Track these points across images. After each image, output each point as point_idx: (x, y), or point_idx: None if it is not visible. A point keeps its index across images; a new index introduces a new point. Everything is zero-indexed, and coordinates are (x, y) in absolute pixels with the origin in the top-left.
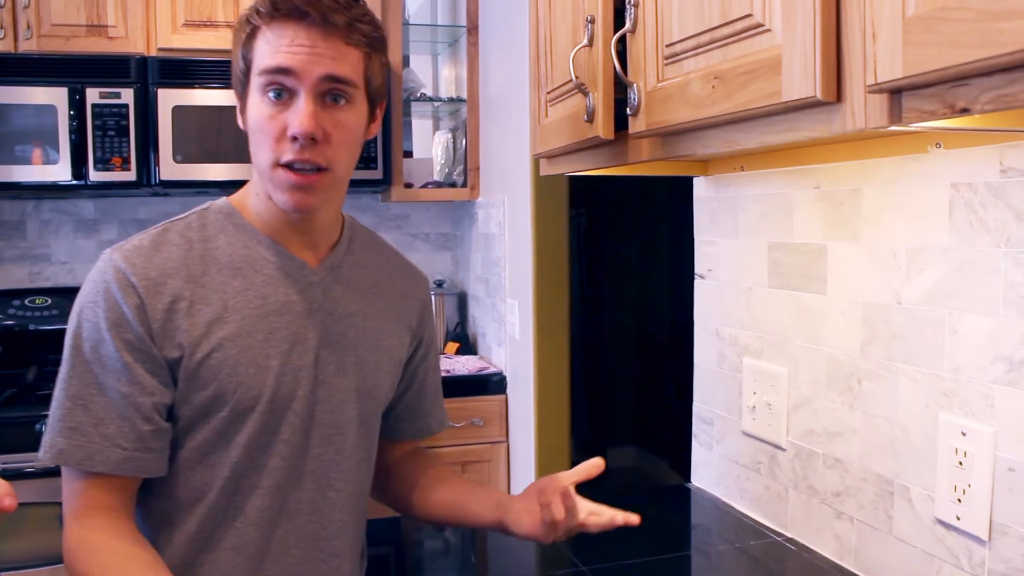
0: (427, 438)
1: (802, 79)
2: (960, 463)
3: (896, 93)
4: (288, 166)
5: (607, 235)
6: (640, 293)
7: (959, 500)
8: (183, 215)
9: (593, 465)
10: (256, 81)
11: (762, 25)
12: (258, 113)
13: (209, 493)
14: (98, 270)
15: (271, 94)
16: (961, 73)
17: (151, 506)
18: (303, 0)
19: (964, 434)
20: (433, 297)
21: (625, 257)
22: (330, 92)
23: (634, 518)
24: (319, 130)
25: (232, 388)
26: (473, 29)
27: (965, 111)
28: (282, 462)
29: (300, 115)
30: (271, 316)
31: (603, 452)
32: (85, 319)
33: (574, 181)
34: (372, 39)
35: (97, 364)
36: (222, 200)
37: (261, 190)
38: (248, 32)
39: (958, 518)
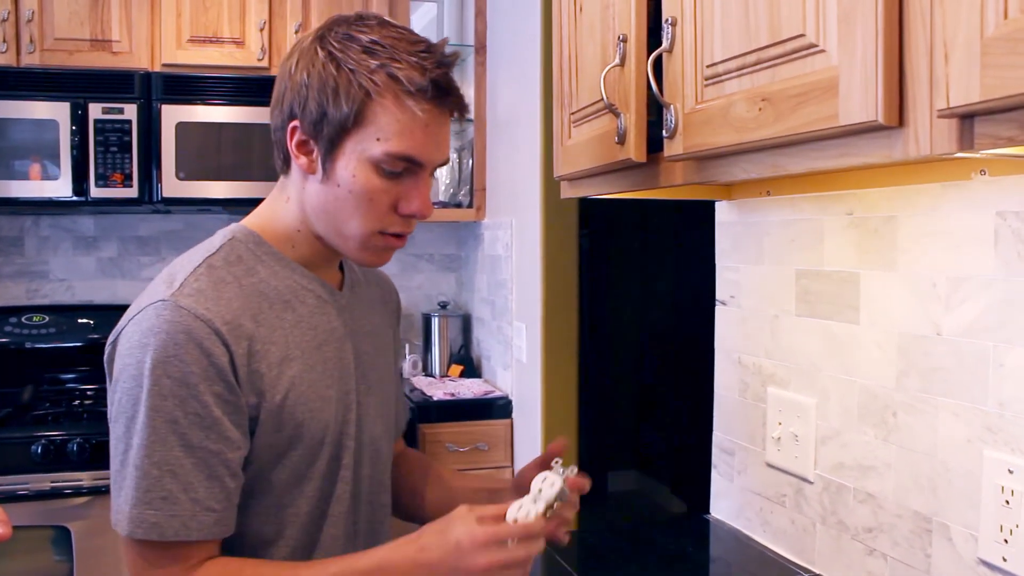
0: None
1: (862, 102)
2: (1007, 502)
3: (967, 118)
4: (389, 233)
5: (616, 257)
6: (649, 317)
7: (1006, 541)
8: (210, 249)
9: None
10: (370, 152)
11: (816, 45)
12: (368, 184)
13: (288, 530)
14: (167, 320)
15: (390, 171)
16: None
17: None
18: (446, 78)
19: (1011, 472)
20: (437, 319)
21: (634, 280)
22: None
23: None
24: None
25: (307, 426)
26: (481, 49)
27: None
28: (346, 487)
29: (424, 200)
30: (323, 347)
31: (604, 476)
32: (167, 375)
33: (583, 203)
34: None
35: (184, 423)
36: (241, 228)
37: (306, 229)
38: (368, 92)
39: (1004, 559)
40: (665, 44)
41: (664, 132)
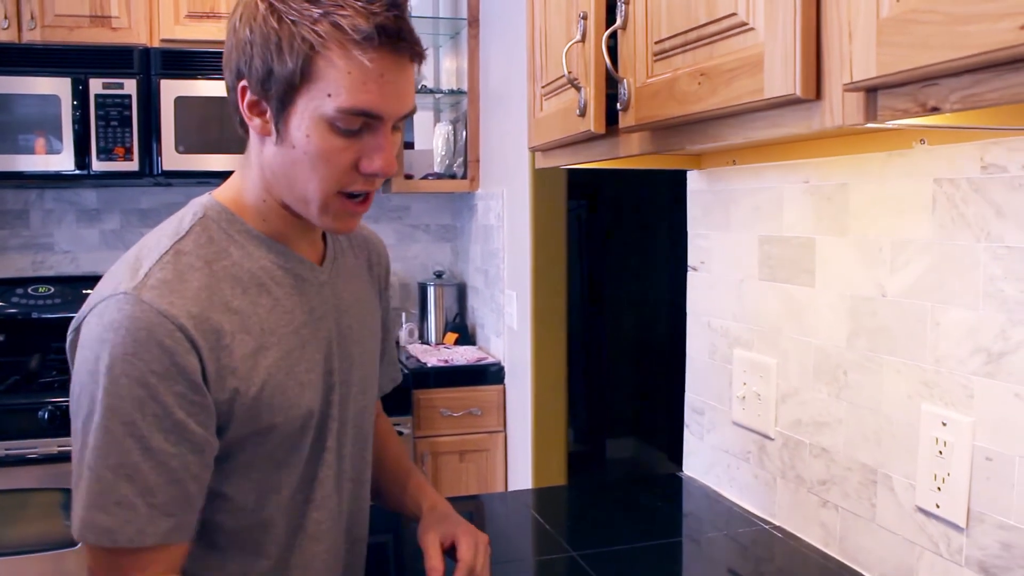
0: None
1: (783, 77)
2: (940, 452)
3: (872, 92)
4: (350, 194)
5: (605, 227)
6: (638, 285)
7: (939, 488)
8: (179, 230)
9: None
10: (323, 110)
11: (746, 24)
12: (324, 144)
13: (275, 517)
14: (127, 316)
15: (346, 129)
16: (931, 73)
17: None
18: (396, 22)
19: (944, 424)
20: (432, 288)
21: (623, 249)
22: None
23: None
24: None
25: (284, 415)
26: (474, 22)
27: (935, 110)
28: (330, 471)
29: (385, 155)
30: (301, 329)
31: (601, 442)
32: (124, 375)
33: (573, 174)
34: None
35: (143, 426)
36: (213, 203)
37: (271, 198)
38: (311, 44)
39: (937, 506)
40: (619, 21)
41: (619, 105)
